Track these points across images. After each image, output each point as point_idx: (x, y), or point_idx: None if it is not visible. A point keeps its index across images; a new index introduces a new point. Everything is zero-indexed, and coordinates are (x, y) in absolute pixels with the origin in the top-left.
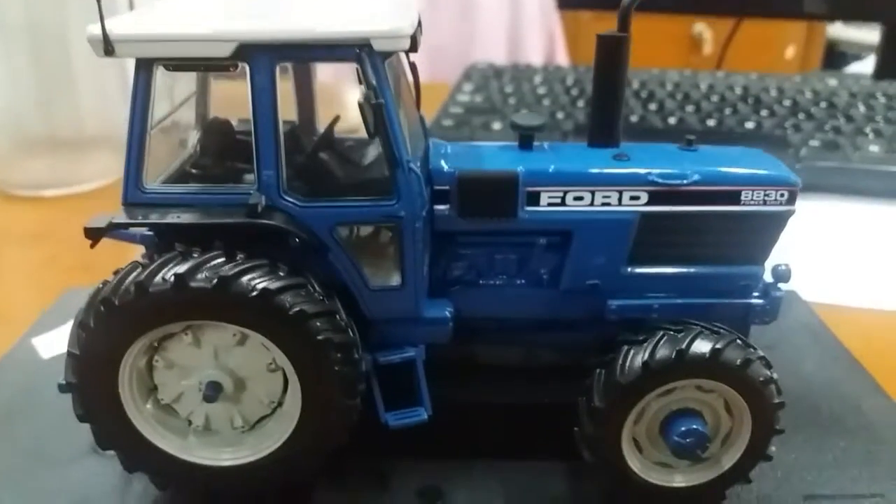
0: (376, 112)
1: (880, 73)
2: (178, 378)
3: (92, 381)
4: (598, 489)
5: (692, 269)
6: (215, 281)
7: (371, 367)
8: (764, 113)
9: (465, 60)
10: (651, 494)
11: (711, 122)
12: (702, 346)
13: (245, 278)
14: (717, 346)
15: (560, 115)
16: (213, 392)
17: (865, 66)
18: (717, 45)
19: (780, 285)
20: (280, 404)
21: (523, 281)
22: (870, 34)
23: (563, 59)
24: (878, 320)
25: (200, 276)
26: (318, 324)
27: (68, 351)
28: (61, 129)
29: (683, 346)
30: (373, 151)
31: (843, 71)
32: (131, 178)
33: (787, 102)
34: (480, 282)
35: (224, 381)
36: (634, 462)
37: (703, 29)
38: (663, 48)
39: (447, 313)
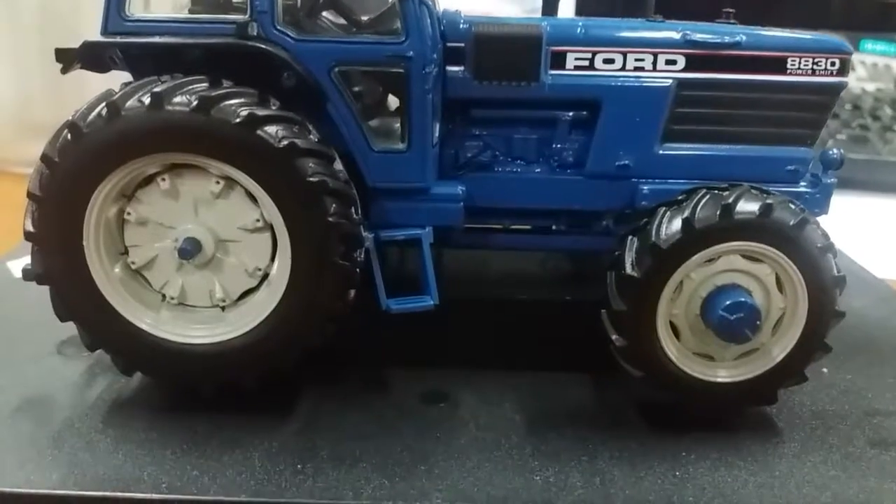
0: None
1: None
2: (152, 239)
3: (53, 228)
4: (626, 400)
5: (733, 150)
6: (196, 102)
7: (373, 246)
8: None
9: None
10: (690, 389)
11: None
12: (750, 204)
13: (229, 102)
14: (768, 201)
15: None
16: (190, 247)
17: None
18: None
19: (831, 172)
20: (267, 275)
21: (545, 164)
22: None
23: None
24: None
25: (180, 98)
26: (311, 163)
27: (28, 192)
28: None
29: (730, 201)
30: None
31: None
32: (112, 7)
33: None
34: (497, 166)
35: (204, 238)
36: (671, 348)
37: None
38: None
39: (459, 191)
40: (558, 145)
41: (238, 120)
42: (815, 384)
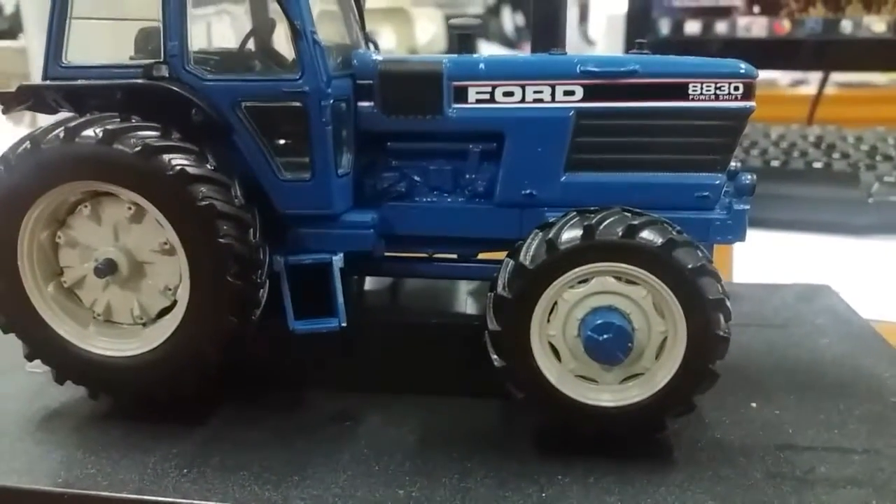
0: None
1: None
2: (81, 260)
3: None
4: (530, 423)
5: (639, 178)
6: (101, 135)
7: (283, 269)
8: (836, 156)
9: None
10: (573, 412)
11: (775, 164)
12: (613, 225)
13: (130, 135)
14: (633, 223)
15: None
16: (105, 268)
17: None
18: None
19: (745, 198)
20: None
21: (458, 194)
22: None
23: None
24: None
25: (88, 132)
26: (203, 189)
27: None
28: None
29: (593, 222)
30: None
31: None
32: (51, 54)
33: (864, 147)
34: (413, 196)
35: (119, 259)
36: (550, 370)
37: None
38: None
39: (369, 218)
40: (470, 176)
41: (136, 150)
42: (736, 417)
